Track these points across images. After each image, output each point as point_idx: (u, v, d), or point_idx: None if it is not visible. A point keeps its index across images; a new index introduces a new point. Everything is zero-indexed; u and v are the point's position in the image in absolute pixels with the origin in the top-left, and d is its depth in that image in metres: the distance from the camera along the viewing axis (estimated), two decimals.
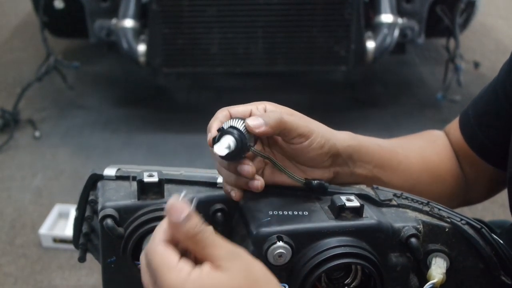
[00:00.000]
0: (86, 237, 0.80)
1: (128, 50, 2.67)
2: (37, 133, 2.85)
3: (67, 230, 2.17)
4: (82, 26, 2.79)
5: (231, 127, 0.69)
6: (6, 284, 2.01)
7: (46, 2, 2.77)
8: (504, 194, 0.91)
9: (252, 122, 0.68)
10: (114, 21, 2.71)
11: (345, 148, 0.76)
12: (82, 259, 0.81)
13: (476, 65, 3.18)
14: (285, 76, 3.40)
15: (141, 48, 2.66)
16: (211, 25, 2.63)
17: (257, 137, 0.71)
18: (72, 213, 2.23)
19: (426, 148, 0.90)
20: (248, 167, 0.70)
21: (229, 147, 0.67)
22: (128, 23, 2.67)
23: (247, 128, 0.69)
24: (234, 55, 2.71)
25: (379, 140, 0.84)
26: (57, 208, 2.28)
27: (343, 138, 0.76)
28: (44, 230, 2.16)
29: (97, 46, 3.02)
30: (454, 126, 0.92)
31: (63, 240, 2.15)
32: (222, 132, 0.68)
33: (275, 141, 0.74)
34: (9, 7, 4.39)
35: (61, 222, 2.25)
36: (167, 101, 3.22)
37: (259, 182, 0.71)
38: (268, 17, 2.62)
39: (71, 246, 2.09)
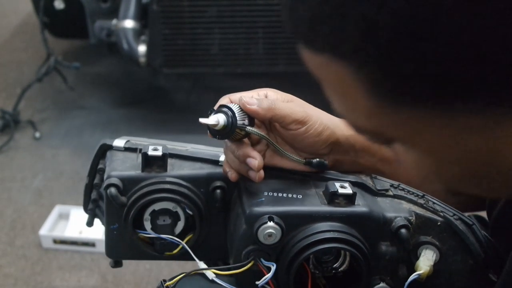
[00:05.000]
0: (94, 203, 0.84)
1: (129, 50, 2.66)
2: (37, 134, 2.84)
3: (67, 231, 2.16)
4: (82, 27, 2.79)
5: (222, 105, 0.71)
6: (6, 285, 2.00)
7: (46, 2, 2.77)
8: None
9: (246, 98, 0.71)
10: (114, 21, 2.71)
11: (346, 137, 0.76)
12: (90, 223, 0.86)
13: None
14: (285, 76, 3.39)
15: (142, 48, 2.65)
16: (212, 26, 2.63)
17: (252, 118, 0.72)
18: (72, 214, 2.23)
19: None
20: (256, 162, 0.71)
21: (217, 122, 0.69)
22: (129, 23, 2.67)
23: (241, 106, 0.70)
24: (235, 56, 2.71)
25: None
26: (57, 209, 2.27)
27: (346, 128, 0.77)
28: (44, 231, 2.15)
29: (98, 46, 3.02)
30: None
31: (63, 241, 2.14)
32: (211, 111, 0.71)
33: (274, 127, 0.75)
34: (9, 7, 4.39)
35: (61, 223, 2.24)
36: (168, 101, 3.21)
37: (257, 175, 0.72)
38: (269, 17, 2.62)
39: (71, 247, 2.12)
